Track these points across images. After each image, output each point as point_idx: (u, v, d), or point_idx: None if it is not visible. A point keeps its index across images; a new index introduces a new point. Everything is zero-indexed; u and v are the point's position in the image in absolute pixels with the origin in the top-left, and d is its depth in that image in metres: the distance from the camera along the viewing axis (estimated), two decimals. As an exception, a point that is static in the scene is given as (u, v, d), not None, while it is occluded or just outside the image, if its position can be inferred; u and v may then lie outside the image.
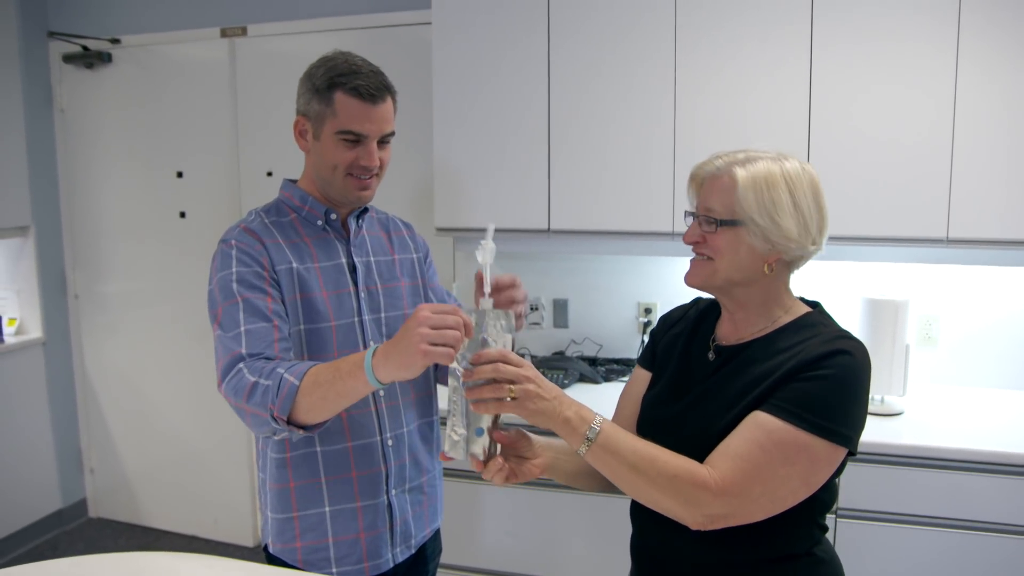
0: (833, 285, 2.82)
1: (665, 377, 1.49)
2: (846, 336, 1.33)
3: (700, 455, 1.30)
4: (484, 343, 1.24)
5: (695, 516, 1.25)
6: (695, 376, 1.43)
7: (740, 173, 1.32)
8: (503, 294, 1.50)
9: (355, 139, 1.58)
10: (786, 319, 1.38)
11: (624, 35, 2.63)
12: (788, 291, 1.41)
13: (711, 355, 1.43)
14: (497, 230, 2.80)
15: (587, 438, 1.26)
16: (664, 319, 1.61)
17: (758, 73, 2.53)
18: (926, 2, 2.36)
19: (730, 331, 1.43)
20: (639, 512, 1.44)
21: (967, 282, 2.78)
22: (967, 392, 2.75)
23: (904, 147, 2.43)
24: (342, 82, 1.56)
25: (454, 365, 1.24)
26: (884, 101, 2.43)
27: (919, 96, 2.40)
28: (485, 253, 1.30)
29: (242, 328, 1.50)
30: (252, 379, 1.43)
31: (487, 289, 1.31)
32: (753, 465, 1.24)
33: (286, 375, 1.41)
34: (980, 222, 2.40)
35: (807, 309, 1.41)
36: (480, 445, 1.25)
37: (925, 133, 2.41)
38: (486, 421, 1.25)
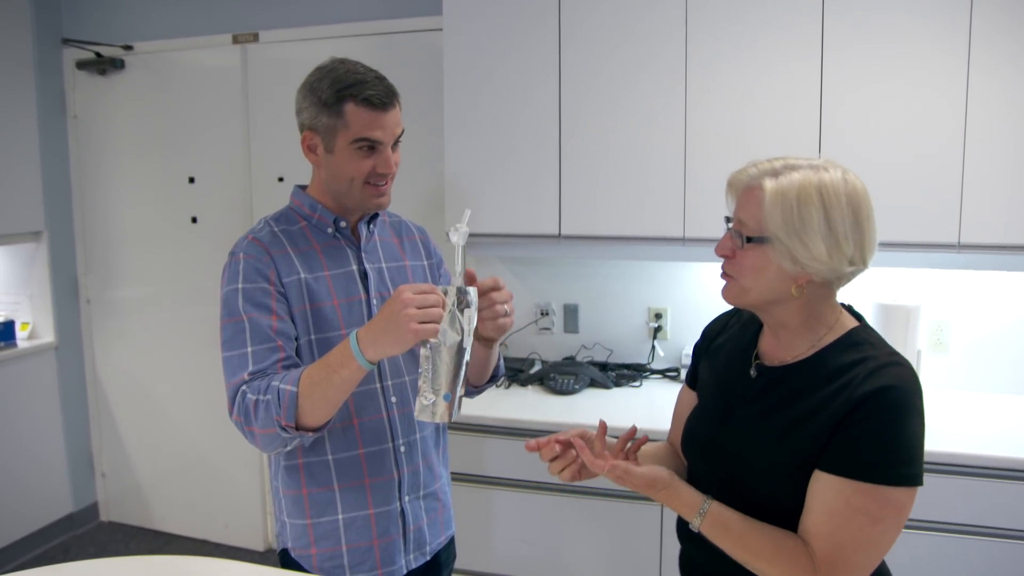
0: (845, 290, 2.81)
1: (709, 392, 1.47)
2: (892, 363, 1.25)
3: (749, 488, 1.30)
4: (454, 315, 1.39)
5: None
6: (736, 396, 1.39)
7: (769, 185, 1.24)
8: (484, 298, 1.50)
9: (370, 146, 1.57)
10: (830, 337, 1.32)
11: (635, 41, 2.64)
12: (831, 306, 1.34)
13: (753, 372, 1.39)
14: (508, 235, 2.85)
15: (699, 514, 1.31)
16: (705, 332, 1.58)
17: (769, 79, 2.53)
18: (936, 9, 2.36)
19: (773, 347, 1.38)
20: (684, 526, 1.42)
21: (978, 288, 2.77)
22: (979, 397, 2.74)
23: (915, 153, 2.43)
24: (351, 93, 1.54)
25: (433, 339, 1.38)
26: (895, 107, 2.43)
27: (930, 102, 2.40)
28: (459, 236, 1.44)
29: (247, 349, 1.52)
30: (254, 398, 1.47)
31: (459, 269, 1.44)
32: (847, 537, 1.21)
33: (282, 386, 1.45)
34: (992, 227, 2.39)
35: (852, 323, 1.34)
36: (447, 409, 1.40)
37: (936, 139, 2.41)
38: (455, 388, 1.40)
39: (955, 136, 2.39)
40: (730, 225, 1.33)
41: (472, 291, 1.42)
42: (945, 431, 2.41)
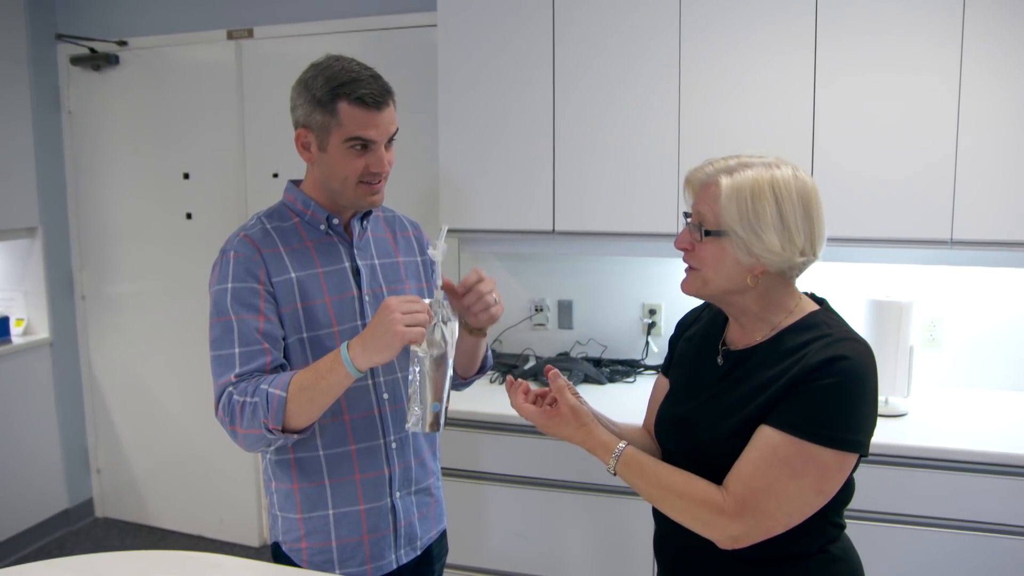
0: (837, 286, 2.82)
1: (680, 378, 1.53)
2: (848, 338, 1.32)
3: (707, 456, 1.36)
4: (438, 328, 1.49)
5: (717, 537, 1.31)
6: (705, 380, 1.45)
7: (725, 182, 1.31)
8: (471, 293, 1.56)
9: (363, 145, 1.56)
10: (789, 321, 1.38)
11: (628, 37, 2.64)
12: (789, 294, 1.40)
13: (720, 359, 1.45)
14: (503, 231, 2.86)
15: (614, 455, 1.39)
16: (679, 324, 1.64)
17: (762, 73, 2.53)
18: (930, 2, 2.37)
19: (739, 335, 1.44)
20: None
21: (971, 284, 2.78)
22: (971, 393, 2.75)
23: (908, 147, 2.43)
24: (344, 92, 1.53)
25: (415, 349, 1.46)
26: (888, 101, 2.43)
27: (924, 97, 2.41)
28: (439, 252, 1.52)
29: (234, 350, 1.54)
30: (240, 400, 1.50)
31: (439, 282, 1.52)
32: (763, 483, 1.27)
33: (271, 389, 1.48)
34: (984, 224, 2.40)
35: (813, 307, 1.41)
36: (435, 419, 1.51)
37: (930, 134, 2.41)
38: (442, 399, 1.51)
39: (948, 131, 2.40)
40: (688, 220, 1.40)
41: (450, 304, 1.52)
42: (938, 427, 2.42)
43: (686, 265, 1.41)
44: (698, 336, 1.54)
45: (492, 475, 2.69)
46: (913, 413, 2.53)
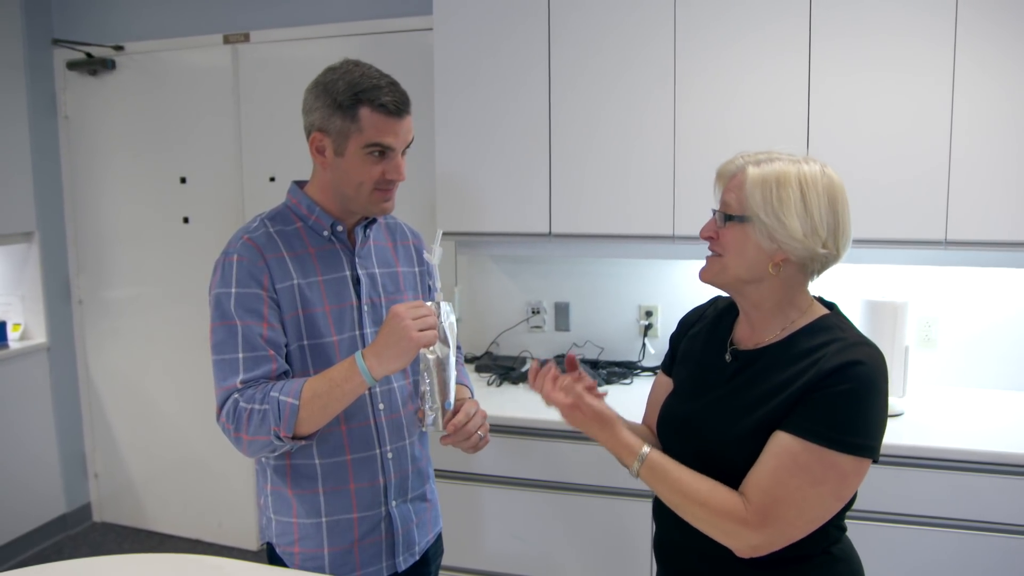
0: (833, 287, 2.82)
1: (685, 377, 1.53)
2: (860, 343, 1.33)
3: (714, 457, 1.36)
4: (440, 328, 1.52)
5: (738, 547, 1.32)
6: (712, 378, 1.45)
7: (752, 171, 1.35)
8: (460, 432, 1.60)
9: (381, 152, 1.56)
10: (802, 322, 1.39)
11: (624, 40, 2.65)
12: (804, 293, 1.42)
13: (728, 357, 1.45)
14: (499, 234, 2.87)
15: (639, 458, 1.39)
16: (682, 322, 1.64)
17: (757, 74, 2.54)
18: (924, 1, 2.38)
19: (747, 334, 1.45)
20: (660, 509, 1.47)
21: (966, 284, 2.79)
22: (967, 393, 2.76)
23: (902, 148, 2.44)
24: (368, 98, 1.52)
25: (424, 351, 1.50)
26: (882, 101, 2.45)
27: (918, 97, 2.42)
28: (435, 256, 1.55)
29: (238, 355, 1.53)
30: (248, 407, 1.49)
31: (437, 285, 1.59)
32: (784, 492, 1.27)
33: (282, 397, 1.48)
34: (978, 224, 2.41)
35: (823, 311, 1.42)
36: (444, 416, 1.57)
37: (924, 134, 2.42)
38: (448, 397, 1.56)
39: (942, 131, 2.41)
40: (715, 213, 1.42)
41: (450, 305, 1.56)
42: (934, 427, 2.43)
43: (708, 254, 1.43)
44: (703, 334, 1.54)
45: (488, 477, 2.69)
46: (909, 413, 2.54)
